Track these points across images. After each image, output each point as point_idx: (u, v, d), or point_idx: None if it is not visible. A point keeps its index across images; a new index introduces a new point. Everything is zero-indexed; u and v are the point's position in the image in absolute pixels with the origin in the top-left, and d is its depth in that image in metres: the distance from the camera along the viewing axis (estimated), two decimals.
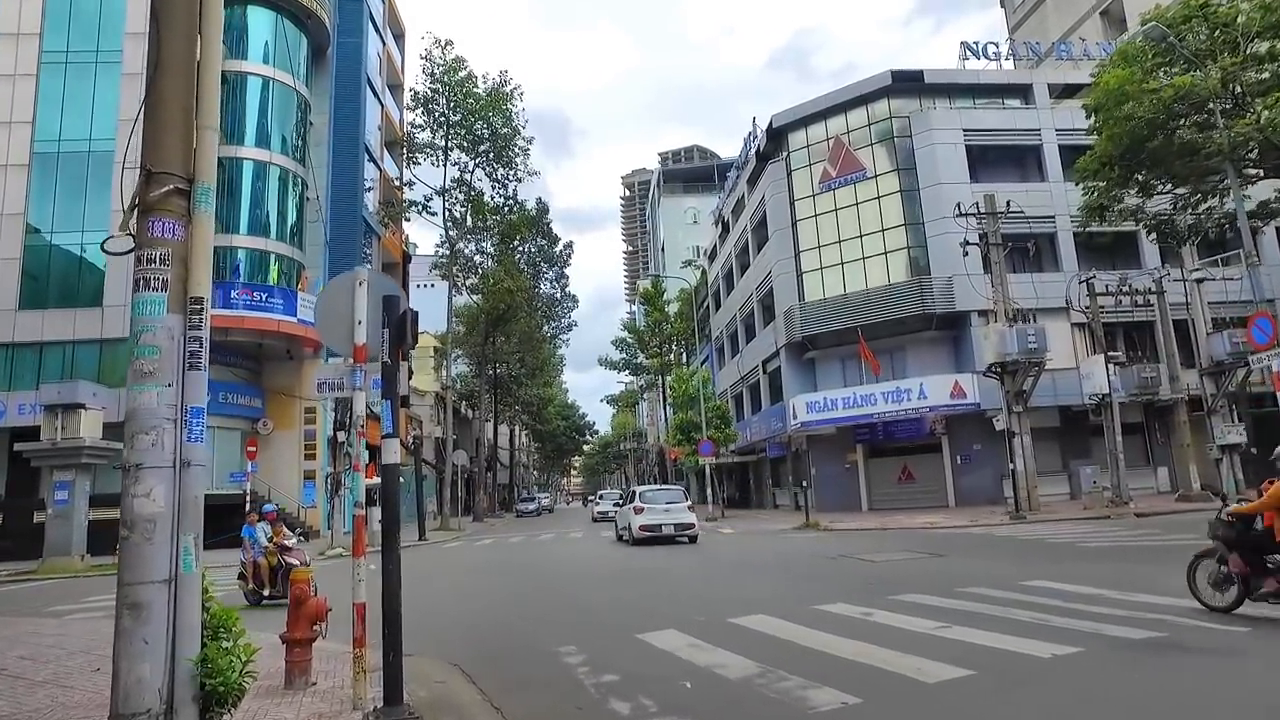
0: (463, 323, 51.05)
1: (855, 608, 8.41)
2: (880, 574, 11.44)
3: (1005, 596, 8.69)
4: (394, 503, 4.99)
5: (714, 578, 12.21)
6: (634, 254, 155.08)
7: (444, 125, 36.96)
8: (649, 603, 9.82)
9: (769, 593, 10.11)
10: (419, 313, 5.48)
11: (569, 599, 10.70)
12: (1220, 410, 25.95)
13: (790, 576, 11.81)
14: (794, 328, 32.77)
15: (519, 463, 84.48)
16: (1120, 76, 15.23)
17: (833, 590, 9.90)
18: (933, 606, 8.27)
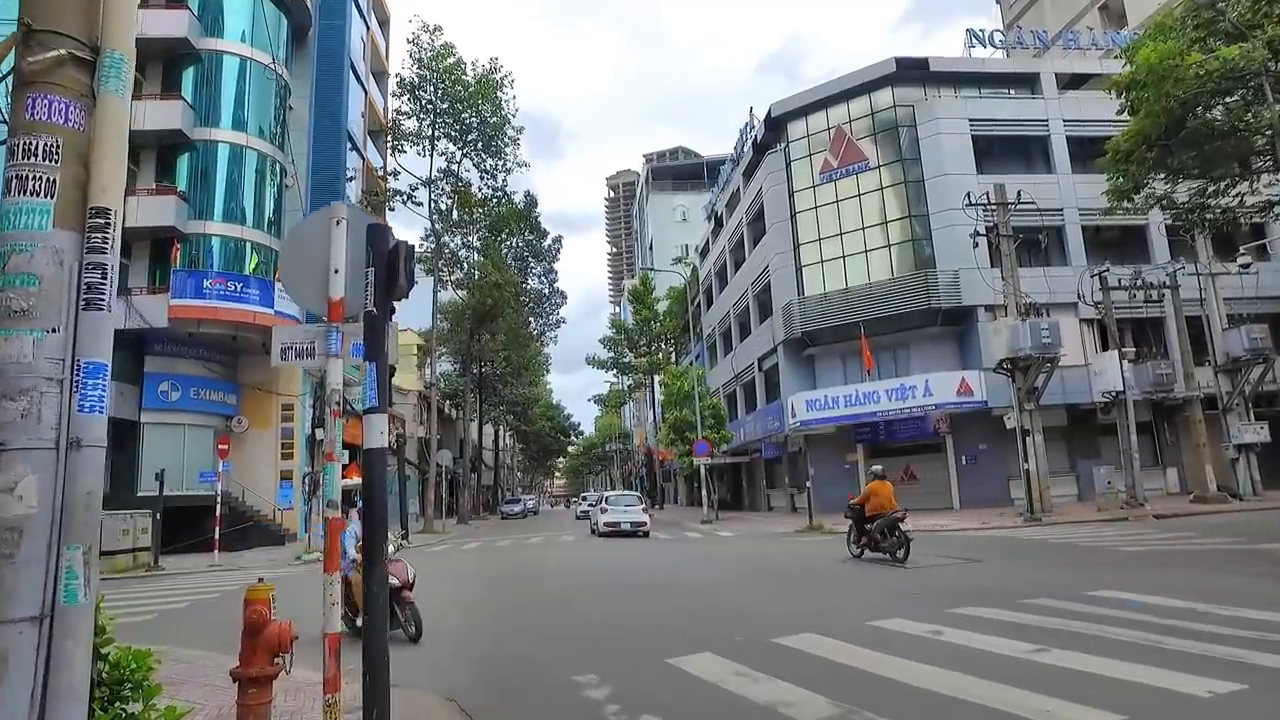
0: (447, 319, 49.67)
1: (918, 624, 7.25)
2: (920, 582, 10.30)
3: (1084, 610, 7.57)
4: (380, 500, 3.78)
5: (737, 587, 11.04)
6: (618, 255, 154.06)
7: (431, 113, 35.65)
8: (673, 618, 8.60)
9: (808, 605, 8.92)
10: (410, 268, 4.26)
11: (578, 613, 9.46)
12: (1236, 408, 25.17)
13: (822, 585, 10.64)
14: (793, 323, 31.67)
15: (503, 464, 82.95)
16: (1163, 50, 14.21)
17: (879, 602, 8.75)
18: (1008, 623, 7.13)
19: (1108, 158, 17.20)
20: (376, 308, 3.68)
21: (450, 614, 9.88)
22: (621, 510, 26.75)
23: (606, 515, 26.64)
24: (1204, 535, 15.21)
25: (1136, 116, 15.55)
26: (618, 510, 26.82)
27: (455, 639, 8.21)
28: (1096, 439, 28.73)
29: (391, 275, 3.76)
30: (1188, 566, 10.78)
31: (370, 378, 3.65)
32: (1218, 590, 8.43)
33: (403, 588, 8.08)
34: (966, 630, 6.86)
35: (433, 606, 9.75)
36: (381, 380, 3.67)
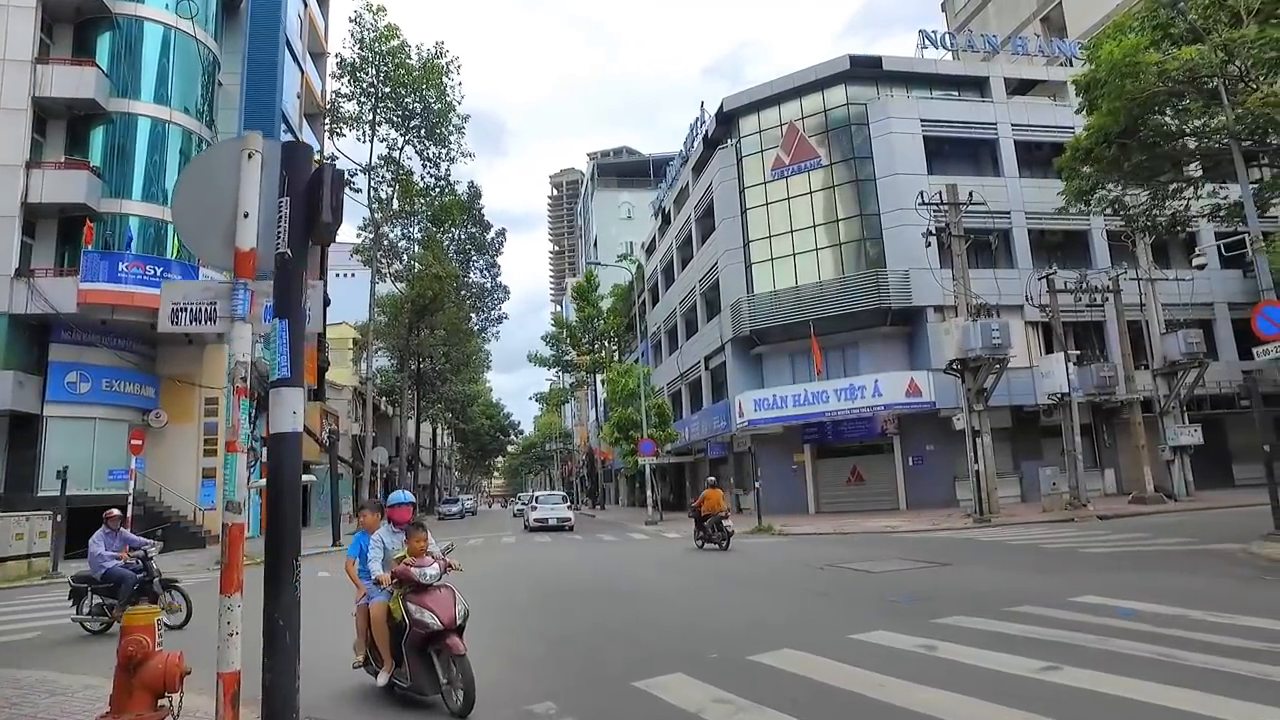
0: (385, 313, 47.97)
1: (904, 637, 6.63)
2: (892, 588, 9.74)
3: (1075, 619, 7.07)
4: (290, 500, 2.91)
5: (698, 593, 10.32)
6: (561, 254, 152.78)
7: (372, 97, 34.20)
8: (636, 631, 7.82)
9: (779, 615, 8.25)
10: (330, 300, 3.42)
11: (529, 626, 8.60)
12: (1172, 411, 25.62)
13: (789, 593, 9.99)
14: (741, 321, 31.23)
15: (441, 463, 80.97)
16: (1126, 45, 14.08)
17: (855, 612, 8.14)
18: (1002, 635, 6.57)
19: (1066, 156, 17.11)
20: (292, 249, 2.83)
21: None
22: (549, 508, 31.38)
23: (536, 512, 31.36)
24: (1155, 536, 15.16)
25: (1098, 113, 15.43)
26: (546, 508, 31.48)
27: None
28: (1039, 440, 29.02)
29: (311, 208, 2.90)
30: (1156, 569, 10.49)
31: (281, 340, 2.79)
32: (1200, 594, 8.08)
33: (448, 630, 5.35)
34: (960, 644, 6.26)
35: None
36: (295, 344, 2.83)
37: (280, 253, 2.88)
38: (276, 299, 2.90)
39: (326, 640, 7.48)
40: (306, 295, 2.84)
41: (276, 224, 3.08)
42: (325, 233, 2.97)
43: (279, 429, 2.86)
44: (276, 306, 2.89)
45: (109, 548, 9.84)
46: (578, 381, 66.38)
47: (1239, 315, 31.23)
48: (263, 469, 23.49)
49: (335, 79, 34.42)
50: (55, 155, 23.49)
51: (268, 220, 3.30)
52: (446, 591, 5.61)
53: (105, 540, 9.85)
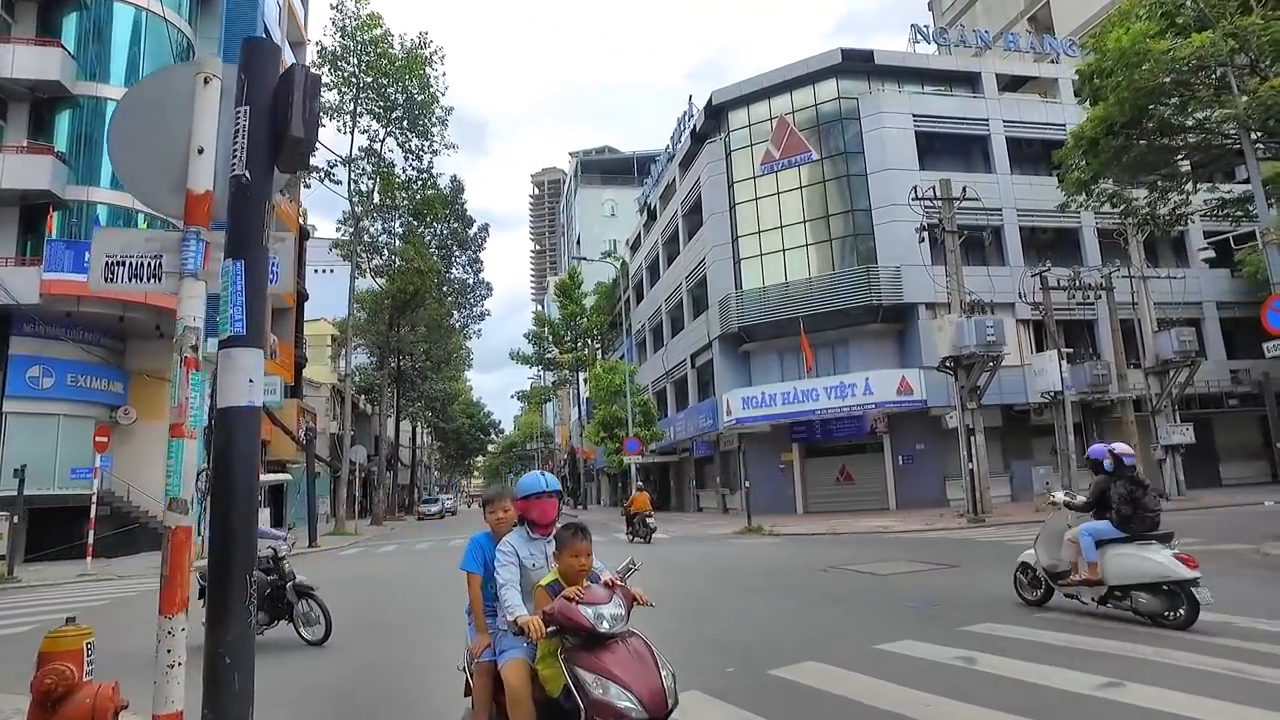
0: (365, 309, 46.99)
1: (936, 648, 6.07)
2: (905, 592, 9.20)
3: (1115, 628, 6.57)
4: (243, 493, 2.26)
5: (700, 598, 9.73)
6: (542, 253, 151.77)
7: (354, 86, 33.28)
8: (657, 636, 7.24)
9: (794, 624, 7.66)
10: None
11: None
12: (1164, 410, 25.42)
13: (798, 598, 9.39)
14: (730, 318, 30.71)
15: (420, 462, 79.85)
16: (1135, 32, 13.68)
17: (874, 619, 7.58)
18: (1042, 645, 6.04)
19: (1069, 146, 16.72)
20: (251, 173, 2.21)
21: (358, 636, 8.28)
22: None
23: None
24: None
25: (1103, 103, 15.03)
26: None
27: (357, 676, 6.65)
28: (1030, 440, 28.75)
29: (279, 120, 2.28)
30: None
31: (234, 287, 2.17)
32: (1238, 599, 7.62)
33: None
34: (1001, 655, 5.72)
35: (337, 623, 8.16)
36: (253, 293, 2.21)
37: (236, 175, 2.25)
38: (230, 234, 2.27)
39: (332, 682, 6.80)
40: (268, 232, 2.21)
41: (232, 161, 2.45)
42: (295, 153, 2.34)
43: (230, 401, 2.21)
44: (230, 244, 2.26)
45: None
46: (560, 380, 65.62)
47: (1226, 315, 31.27)
48: None
49: (315, 68, 33.43)
50: (17, 139, 22.49)
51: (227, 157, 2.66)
52: (639, 646, 3.29)
53: None
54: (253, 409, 2.23)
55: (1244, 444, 31.61)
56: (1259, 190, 13.82)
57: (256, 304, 2.26)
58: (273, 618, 7.90)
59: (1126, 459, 7.41)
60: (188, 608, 2.18)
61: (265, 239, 2.22)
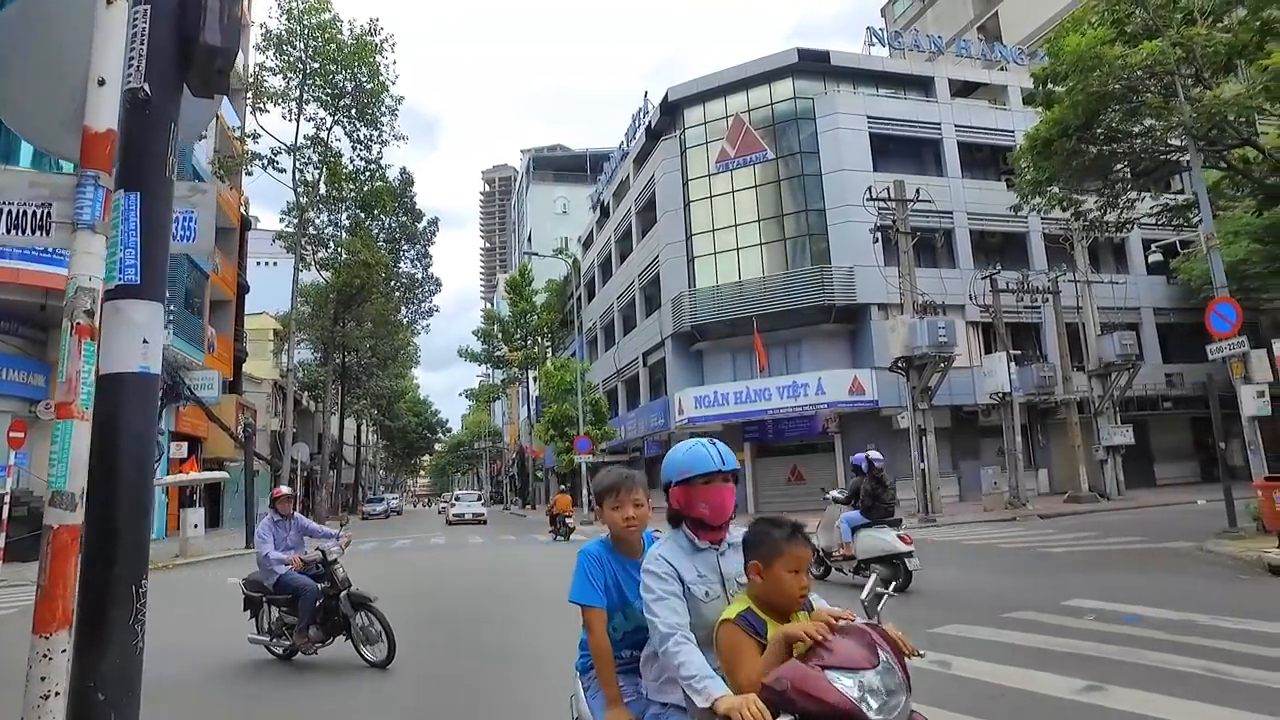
0: (309, 303, 45.61)
1: None
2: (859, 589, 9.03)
3: (1083, 627, 6.46)
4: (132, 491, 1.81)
5: None
6: (492, 251, 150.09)
7: (300, 72, 32.14)
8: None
9: None
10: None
11: (482, 645, 7.55)
12: (1106, 412, 26.01)
13: None
14: (682, 316, 30.52)
15: (365, 461, 78.18)
16: (1092, 37, 13.84)
17: None
18: (1016, 647, 5.88)
19: (1023, 147, 16.88)
20: (151, 87, 1.80)
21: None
22: (466, 505, 39.01)
23: (455, 508, 38.98)
24: (1104, 535, 14.99)
25: (1058, 105, 15.19)
26: (463, 505, 39.25)
27: (284, 701, 6.17)
28: (978, 440, 29.18)
29: (188, 24, 1.87)
30: (1127, 568, 10.10)
31: (126, 224, 1.76)
32: (1191, 597, 7.63)
33: None
34: (976, 659, 5.54)
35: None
36: (151, 236, 1.79)
37: (132, 89, 1.83)
38: (124, 160, 1.84)
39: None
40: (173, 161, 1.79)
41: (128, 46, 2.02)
42: (210, 68, 1.93)
43: (117, 366, 1.76)
44: (123, 172, 1.83)
45: (281, 543, 7.17)
46: (509, 378, 64.78)
47: (1163, 320, 32.23)
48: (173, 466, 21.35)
49: (260, 51, 32.28)
50: None
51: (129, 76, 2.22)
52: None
53: (274, 531, 7.15)
54: (147, 377, 1.80)
55: (1177, 445, 32.66)
56: (1203, 196, 14.11)
57: (154, 247, 1.83)
58: (327, 634, 6.69)
59: (876, 463, 9.69)
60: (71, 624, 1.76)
61: (169, 168, 1.80)
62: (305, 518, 7.55)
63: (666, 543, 2.39)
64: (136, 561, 1.74)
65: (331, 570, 6.73)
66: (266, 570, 6.90)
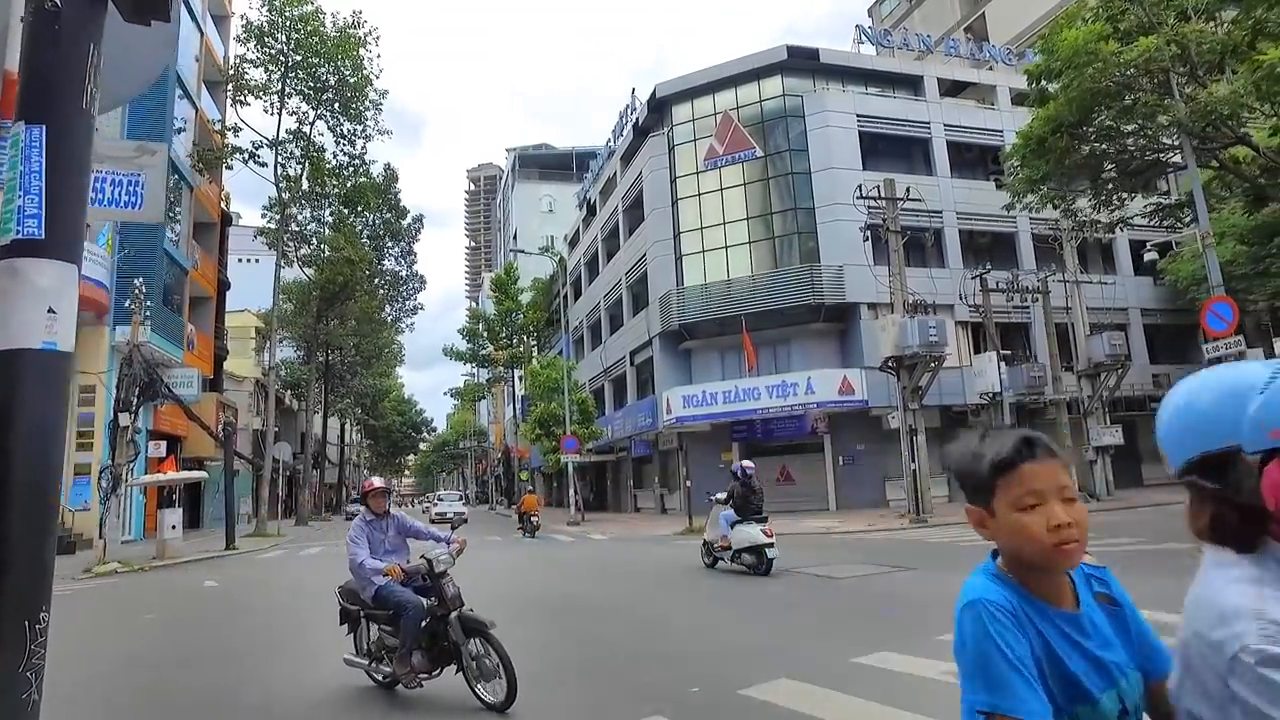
0: (292, 300, 45.01)
1: (919, 661, 5.60)
2: (867, 597, 8.79)
3: None
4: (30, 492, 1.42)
5: (651, 604, 9.13)
6: (476, 250, 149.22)
7: (281, 65, 31.60)
8: (592, 654, 6.57)
9: (756, 635, 7.08)
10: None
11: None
12: (1095, 412, 25.96)
13: (755, 605, 8.85)
14: (670, 315, 30.24)
15: (349, 461, 77.36)
16: (1088, 32, 13.69)
17: (841, 627, 7.10)
18: None
19: (1017, 144, 16.72)
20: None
21: (266, 656, 7.40)
22: (448, 505, 41.31)
23: (437, 506, 41.99)
24: (1102, 536, 14.74)
25: (1053, 102, 15.04)
26: (445, 504, 41.86)
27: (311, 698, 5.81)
28: None
29: None
30: (1153, 572, 9.82)
31: (28, 163, 1.41)
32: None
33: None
34: None
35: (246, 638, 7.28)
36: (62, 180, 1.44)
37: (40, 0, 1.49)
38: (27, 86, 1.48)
39: None
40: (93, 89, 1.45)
41: None
42: None
43: (17, 341, 1.38)
44: (25, 101, 1.47)
45: (378, 547, 5.88)
46: (495, 377, 64.25)
47: (1150, 321, 32.26)
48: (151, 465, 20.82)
49: (240, 42, 31.72)
50: None
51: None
52: None
53: (369, 533, 5.89)
54: (55, 355, 1.45)
55: None
56: (1199, 193, 13.99)
57: (65, 194, 1.47)
58: (434, 664, 5.45)
59: (749, 471, 12.02)
60: None
61: (86, 99, 1.46)
62: (406, 516, 6.37)
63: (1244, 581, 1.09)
64: (34, 590, 1.41)
65: (440, 584, 5.38)
66: (362, 580, 5.66)
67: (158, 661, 6.94)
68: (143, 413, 27.04)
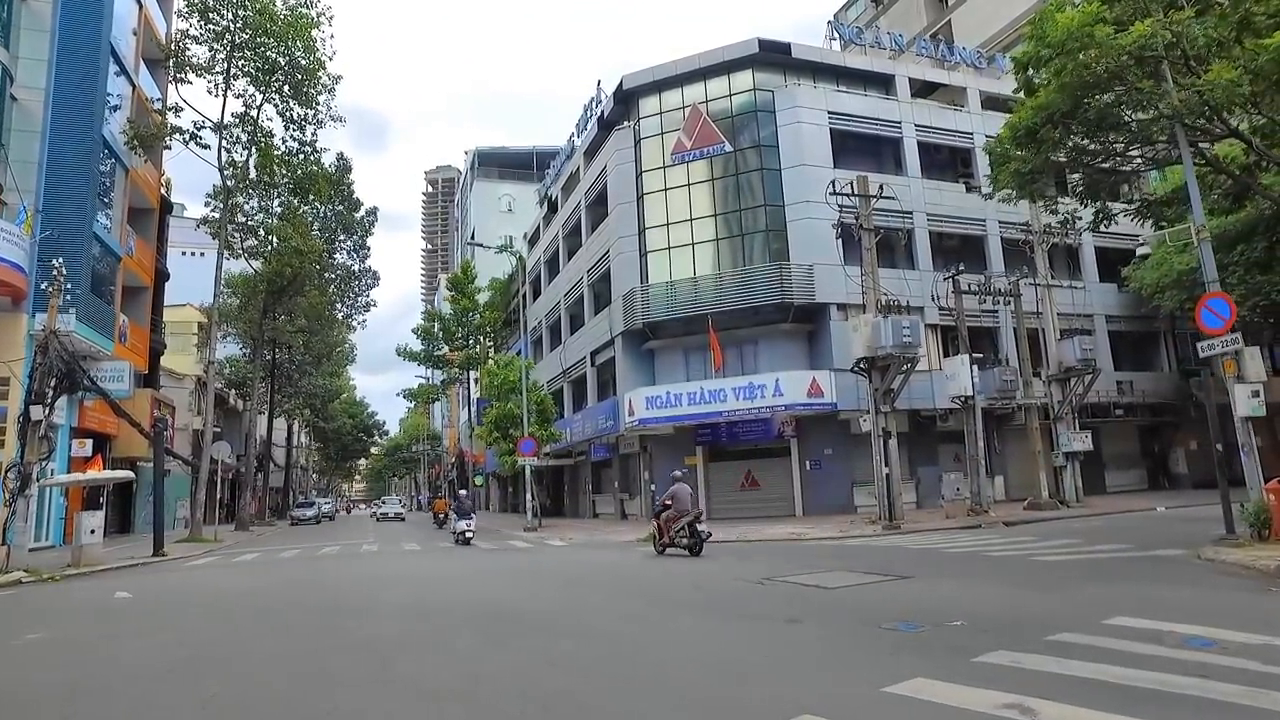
0: (237, 294, 42.93)
1: (964, 690, 4.60)
2: (870, 610, 7.78)
3: (1162, 655, 5.31)
4: None
5: (625, 620, 8.01)
6: (434, 253, 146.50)
7: (227, 45, 29.79)
8: (558, 683, 5.44)
9: (758, 657, 5.98)
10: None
11: (402, 679, 6.02)
12: (1065, 417, 25.60)
13: (748, 620, 7.70)
14: (634, 313, 29.20)
15: (297, 463, 74.67)
16: (1083, 14, 13.03)
17: (855, 647, 6.09)
18: (1097, 682, 4.66)
19: (1003, 135, 16.04)
20: None
21: (176, 679, 6.14)
22: (389, 507, 56.95)
23: (382, 508, 57.01)
24: (1087, 542, 14.16)
25: (1045, 89, 14.37)
26: (388, 506, 57.77)
27: None
28: (936, 446, 28.56)
29: None
30: (1141, 580, 9.13)
31: None
32: (1237, 613, 6.69)
33: None
34: (1060, 701, 4.29)
35: (141, 669, 6.01)
36: None
37: None
38: None
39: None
40: None
41: None
42: None
43: None
44: None
45: None
46: (449, 378, 62.49)
47: (1114, 328, 32.23)
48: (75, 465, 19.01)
49: (183, 17, 29.85)
50: None
51: None
52: None
53: None
54: None
55: (1126, 453, 32.77)
56: (1193, 185, 13.45)
57: None
58: None
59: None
60: None
61: None
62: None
63: None
64: None
65: None
66: None
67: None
68: (66, 408, 25.11)
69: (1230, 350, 12.67)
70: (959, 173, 31.23)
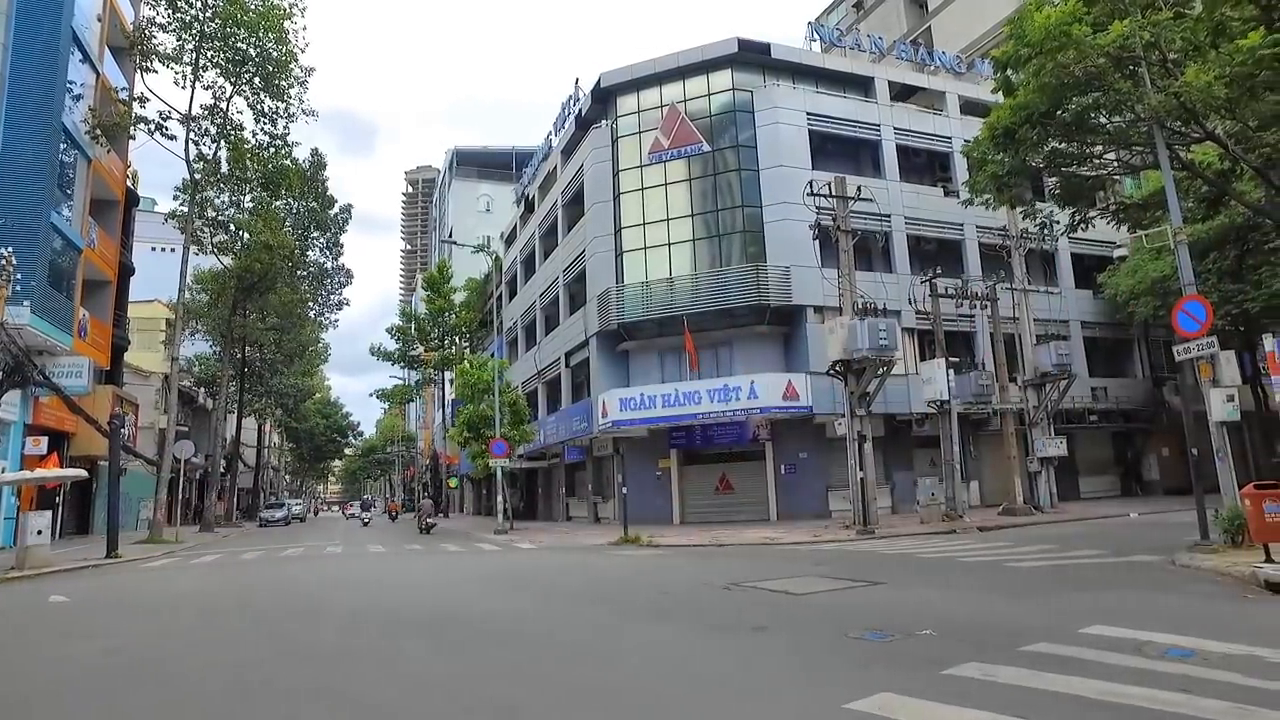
0: (206, 290, 42.01)
1: (935, 707, 4.28)
2: (838, 617, 7.46)
3: (1142, 667, 5.02)
4: None
5: (592, 629, 7.62)
6: (413, 253, 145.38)
7: (195, 34, 29.06)
8: (510, 697, 5.07)
9: (723, 667, 5.63)
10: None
11: (338, 696, 5.60)
12: (1041, 423, 25.54)
13: (712, 628, 7.36)
14: (609, 314, 28.81)
15: (268, 464, 73.42)
16: (1061, 13, 12.87)
17: (822, 658, 5.75)
18: (1069, 696, 4.37)
19: (982, 136, 15.86)
20: None
21: (89, 691, 5.68)
22: (362, 509, 55.27)
23: (351, 510, 65.58)
24: (1062, 549, 13.97)
25: (1024, 89, 14.21)
26: (356, 508, 61.46)
27: None
28: (911, 451, 28.43)
29: None
30: (1115, 587, 8.90)
31: None
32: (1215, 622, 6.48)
33: None
34: (1037, 716, 3.99)
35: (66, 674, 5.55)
36: None
37: None
38: None
39: None
40: None
41: None
42: None
43: None
44: None
45: None
46: (424, 379, 61.75)
47: (1089, 334, 32.32)
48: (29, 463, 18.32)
49: (149, 5, 29.10)
50: None
51: None
52: None
53: None
54: None
55: (1099, 459, 32.86)
56: (1170, 188, 13.32)
57: None
58: None
59: None
60: None
61: None
62: None
63: None
64: None
65: None
66: None
67: None
68: (19, 404, 24.35)
69: (1206, 354, 12.53)
70: (937, 176, 31.18)
